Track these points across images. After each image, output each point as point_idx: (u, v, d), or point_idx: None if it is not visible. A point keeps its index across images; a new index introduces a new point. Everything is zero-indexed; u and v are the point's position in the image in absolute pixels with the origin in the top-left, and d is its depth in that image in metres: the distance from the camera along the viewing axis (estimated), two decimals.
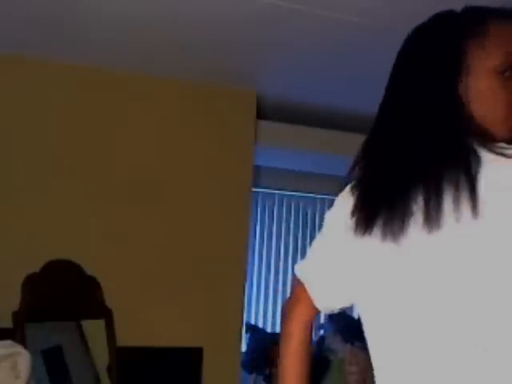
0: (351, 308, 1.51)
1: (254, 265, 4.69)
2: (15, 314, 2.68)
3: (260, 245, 4.78)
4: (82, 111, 3.13)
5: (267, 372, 3.91)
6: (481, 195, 0.94)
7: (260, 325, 4.62)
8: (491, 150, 0.98)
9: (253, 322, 4.57)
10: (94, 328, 2.94)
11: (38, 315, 2.75)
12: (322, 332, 4.48)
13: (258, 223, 4.78)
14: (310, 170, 4.46)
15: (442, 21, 1.09)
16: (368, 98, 3.16)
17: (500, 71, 1.02)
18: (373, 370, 1.09)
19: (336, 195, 1.19)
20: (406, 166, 1.02)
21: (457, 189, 0.96)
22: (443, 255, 0.98)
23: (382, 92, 1.12)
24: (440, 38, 1.07)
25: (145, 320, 3.05)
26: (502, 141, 1.01)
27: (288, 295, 1.22)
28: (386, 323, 1.05)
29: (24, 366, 2.06)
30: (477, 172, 0.96)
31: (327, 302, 1.19)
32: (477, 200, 0.93)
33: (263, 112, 3.61)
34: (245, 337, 3.98)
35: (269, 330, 4.66)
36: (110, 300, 2.97)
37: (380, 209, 1.02)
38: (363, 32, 2.60)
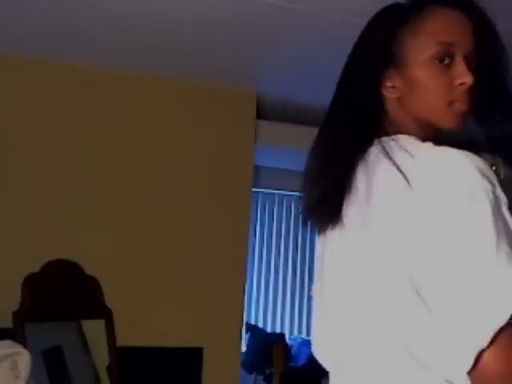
0: None
1: (253, 265, 4.69)
2: (15, 314, 2.68)
3: (260, 245, 4.78)
4: (81, 111, 3.13)
5: (267, 372, 3.91)
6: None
7: (260, 325, 4.62)
8: (383, 149, 0.97)
9: (253, 322, 4.57)
10: (93, 328, 2.94)
11: (38, 315, 2.75)
12: None
13: (258, 223, 4.78)
14: None
15: (381, 13, 1.07)
16: None
17: (438, 60, 0.99)
18: None
19: None
20: (309, 168, 1.11)
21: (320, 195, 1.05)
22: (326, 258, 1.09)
23: None
24: (373, 31, 1.06)
25: (145, 320, 3.05)
26: (449, 131, 1.01)
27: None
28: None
29: (24, 366, 2.06)
30: (345, 177, 0.99)
31: None
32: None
33: (263, 112, 3.61)
34: (245, 337, 3.98)
35: (269, 329, 4.66)
36: (110, 300, 2.97)
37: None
38: None
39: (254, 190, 3.63)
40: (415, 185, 0.88)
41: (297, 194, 4.65)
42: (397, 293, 0.90)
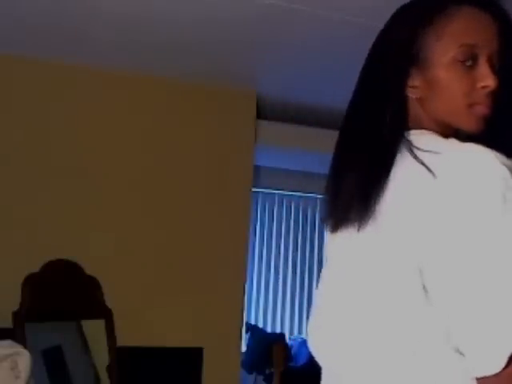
0: None
1: (253, 265, 4.69)
2: (15, 314, 2.68)
3: (260, 245, 4.79)
4: (81, 111, 3.13)
5: (267, 372, 3.91)
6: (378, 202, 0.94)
7: (260, 325, 4.62)
8: (409, 150, 0.94)
9: (253, 322, 4.57)
10: (93, 328, 2.94)
11: (38, 315, 2.75)
12: None
13: (258, 223, 4.78)
14: (309, 169, 4.46)
15: (402, 11, 1.06)
16: None
17: (460, 61, 0.98)
18: None
19: None
20: (335, 167, 1.07)
21: (350, 194, 0.99)
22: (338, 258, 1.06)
23: None
24: (395, 30, 1.04)
25: (145, 320, 3.05)
26: (469, 133, 0.99)
27: None
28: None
29: (24, 366, 2.06)
30: (378, 176, 0.95)
31: None
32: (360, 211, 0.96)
33: (263, 112, 3.61)
34: (245, 337, 3.98)
35: (269, 329, 4.66)
36: (110, 300, 2.97)
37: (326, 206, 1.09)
38: (363, 32, 2.60)
39: (254, 190, 3.64)
40: (442, 181, 0.87)
41: (297, 193, 4.69)
42: (404, 290, 0.89)
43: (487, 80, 0.97)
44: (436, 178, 0.87)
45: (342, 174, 1.03)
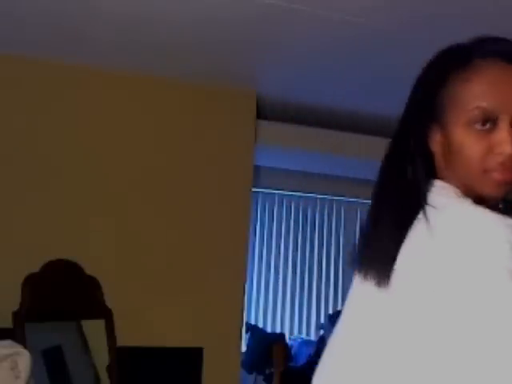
0: None
1: (253, 265, 4.69)
2: (15, 314, 2.68)
3: (260, 245, 4.79)
4: (81, 111, 3.13)
5: (267, 372, 3.91)
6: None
7: (260, 325, 4.62)
8: (423, 211, 0.89)
9: (253, 322, 4.57)
10: (93, 328, 2.94)
11: (38, 315, 2.75)
12: (321, 332, 4.48)
13: (258, 223, 4.78)
14: (309, 169, 4.46)
15: (434, 60, 1.01)
16: (368, 98, 3.17)
17: (478, 123, 0.92)
18: None
19: (335, 195, 1.18)
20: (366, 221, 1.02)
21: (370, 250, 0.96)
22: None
23: (381, 92, 1.10)
24: (423, 82, 1.00)
25: (145, 320, 3.05)
26: (487, 198, 0.94)
27: None
28: None
29: (24, 366, 2.06)
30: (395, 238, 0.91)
31: None
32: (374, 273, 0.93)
33: (263, 112, 3.61)
34: (245, 337, 3.98)
35: (269, 329, 4.66)
36: (110, 300, 2.97)
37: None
38: (363, 32, 2.60)
39: (254, 190, 3.63)
40: (440, 243, 0.84)
41: (297, 193, 4.70)
42: (416, 347, 0.86)
43: (503, 146, 0.91)
44: (434, 238, 0.85)
45: (372, 229, 0.99)
